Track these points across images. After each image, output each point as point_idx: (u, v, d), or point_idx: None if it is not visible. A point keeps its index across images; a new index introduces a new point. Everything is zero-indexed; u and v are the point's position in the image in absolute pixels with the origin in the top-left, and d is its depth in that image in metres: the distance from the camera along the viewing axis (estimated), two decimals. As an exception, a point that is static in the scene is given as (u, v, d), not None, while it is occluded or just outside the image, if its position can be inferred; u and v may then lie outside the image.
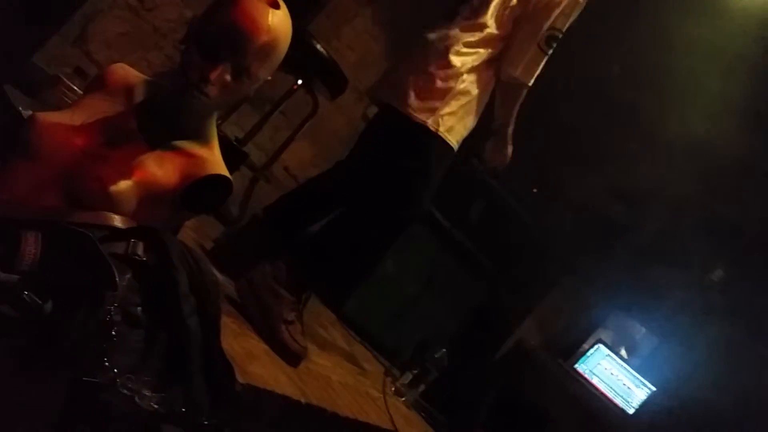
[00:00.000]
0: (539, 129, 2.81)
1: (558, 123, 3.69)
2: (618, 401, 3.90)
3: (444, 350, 2.86)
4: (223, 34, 1.20)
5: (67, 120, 1.26)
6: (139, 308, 1.04)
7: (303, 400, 1.69)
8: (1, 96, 1.71)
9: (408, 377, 2.80)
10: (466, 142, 2.46)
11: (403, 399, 2.77)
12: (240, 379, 1.39)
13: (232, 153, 2.10)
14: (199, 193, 1.26)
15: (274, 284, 2.00)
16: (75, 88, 1.95)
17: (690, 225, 4.00)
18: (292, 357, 1.92)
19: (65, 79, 1.97)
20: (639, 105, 3.73)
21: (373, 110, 2.42)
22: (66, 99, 1.89)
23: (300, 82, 2.64)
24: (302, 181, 3.95)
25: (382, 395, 2.44)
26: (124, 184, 1.20)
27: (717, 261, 4.08)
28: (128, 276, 1.05)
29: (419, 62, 2.17)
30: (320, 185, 2.32)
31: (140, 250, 1.13)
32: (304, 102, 2.92)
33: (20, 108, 1.60)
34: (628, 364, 4.01)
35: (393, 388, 2.75)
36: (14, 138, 1.20)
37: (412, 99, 2.12)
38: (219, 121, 2.70)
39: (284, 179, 3.98)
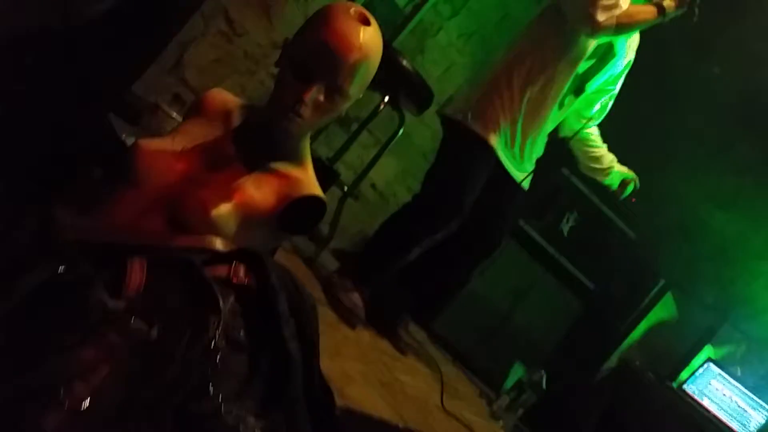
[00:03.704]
0: (637, 136, 2.66)
1: (662, 128, 3.50)
2: (734, 425, 3.61)
3: (542, 372, 2.74)
4: (315, 55, 1.19)
5: (168, 146, 1.29)
6: (242, 332, 1.03)
7: (401, 425, 1.64)
8: (105, 125, 1.78)
9: (505, 400, 2.70)
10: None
11: (501, 423, 2.67)
12: (338, 402, 1.36)
13: (324, 173, 2.11)
14: (296, 214, 1.25)
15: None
16: (174, 114, 2.01)
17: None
18: (346, 314, 2.15)
19: (164, 106, 2.03)
20: (741, 107, 3.49)
21: None
22: (166, 125, 1.95)
23: (387, 99, 2.63)
24: (388, 197, 4.02)
25: (478, 419, 2.37)
26: (224, 208, 1.20)
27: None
28: (231, 300, 1.04)
29: None
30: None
31: (242, 273, 1.12)
32: (389, 118, 2.90)
33: (123, 136, 1.66)
34: (742, 384, 3.71)
35: (490, 412, 2.66)
36: (119, 165, 1.24)
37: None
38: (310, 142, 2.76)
39: (371, 196, 3.99)
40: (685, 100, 3.70)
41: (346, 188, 2.70)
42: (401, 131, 2.84)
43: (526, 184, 2.56)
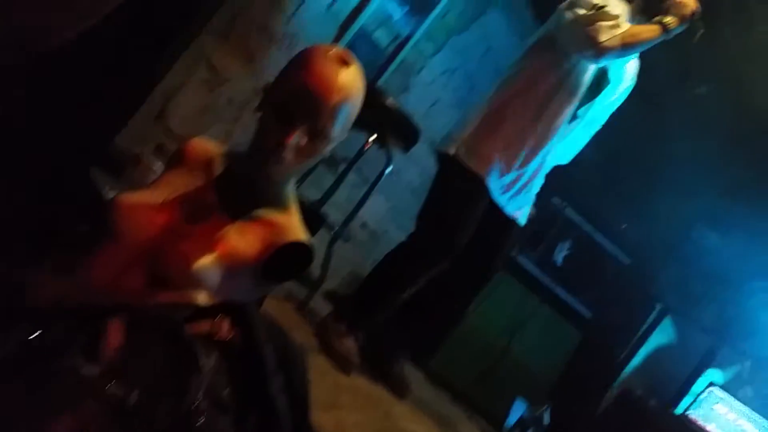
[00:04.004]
0: (627, 161, 2.65)
1: (648, 153, 3.51)
2: (742, 450, 3.54)
3: (545, 407, 2.68)
4: (296, 98, 1.17)
5: (148, 199, 1.26)
6: (226, 391, 0.99)
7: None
8: (87, 179, 1.75)
9: (508, 438, 2.63)
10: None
11: (506, 461, 2.60)
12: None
13: (310, 217, 2.08)
14: (281, 261, 1.22)
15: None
16: (157, 165, 1.99)
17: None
18: (340, 360, 2.11)
19: (148, 157, 2.01)
20: (732, 127, 3.51)
21: None
22: (149, 177, 1.92)
23: (373, 138, 2.62)
24: (379, 236, 3.98)
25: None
26: (207, 260, 1.17)
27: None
28: (214, 358, 1.00)
29: None
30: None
31: (226, 328, 1.08)
32: (377, 157, 2.89)
33: (104, 190, 1.63)
34: (747, 405, 3.65)
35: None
36: (98, 221, 1.20)
37: None
38: (297, 185, 2.73)
39: (362, 236, 3.96)
40: (675, 121, 3.72)
41: (335, 230, 2.67)
42: (389, 169, 2.83)
43: (523, 219, 2.52)
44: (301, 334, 2.19)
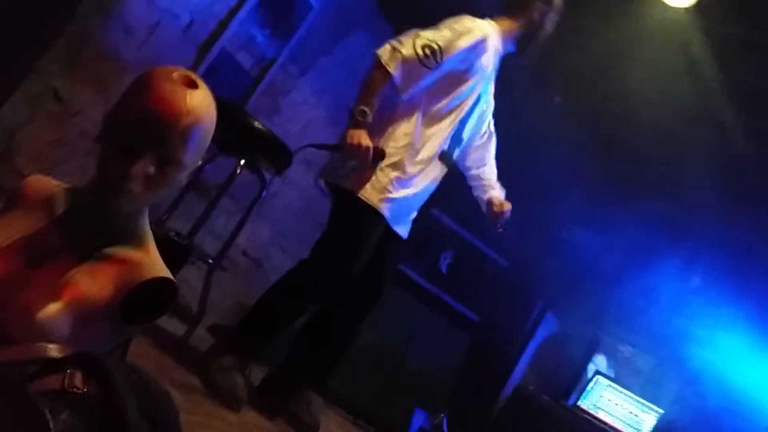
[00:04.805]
0: (497, 169, 2.75)
1: (516, 160, 3.66)
2: (629, 432, 3.75)
3: (442, 415, 2.69)
4: (139, 125, 1.09)
5: (-21, 246, 1.13)
6: (81, 451, 0.88)
7: None
8: None
9: (409, 451, 2.61)
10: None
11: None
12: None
13: (173, 249, 1.96)
14: (140, 301, 1.12)
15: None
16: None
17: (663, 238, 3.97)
18: (226, 397, 2.03)
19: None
20: (591, 134, 3.74)
21: None
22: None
23: (242, 162, 2.54)
24: (262, 262, 3.87)
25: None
26: (53, 308, 1.06)
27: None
28: (64, 416, 0.89)
29: None
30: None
31: (78, 381, 0.97)
32: (252, 182, 2.81)
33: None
34: (630, 390, 3.87)
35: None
36: None
37: None
38: (165, 216, 2.58)
39: (244, 264, 3.83)
40: (537, 129, 3.91)
41: (208, 260, 2.55)
42: (264, 193, 2.75)
43: (405, 233, 2.52)
44: (181, 374, 2.05)
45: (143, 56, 2.72)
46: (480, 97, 2.47)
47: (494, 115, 2.66)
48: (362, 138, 2.17)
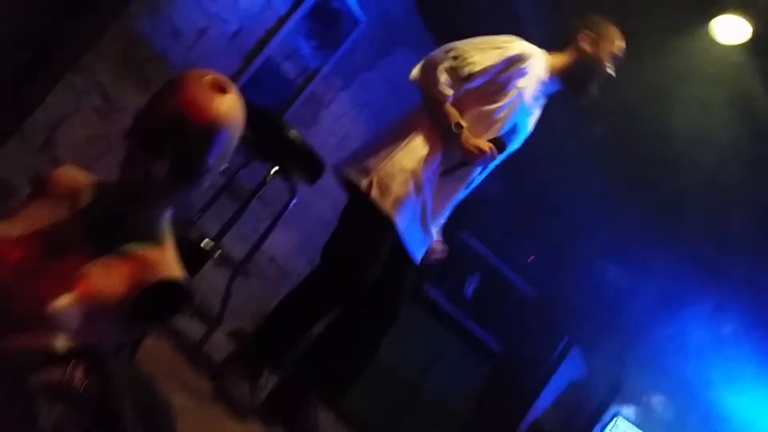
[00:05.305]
0: (532, 198, 2.70)
1: (551, 190, 3.61)
2: (647, 478, 3.62)
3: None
4: (165, 125, 1.09)
5: (4, 233, 1.14)
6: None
7: None
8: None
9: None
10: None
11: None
12: None
13: (192, 251, 1.97)
14: (153, 301, 1.12)
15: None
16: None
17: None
18: (233, 406, 2.01)
19: (21, 189, 1.86)
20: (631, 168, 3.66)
21: None
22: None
23: (274, 170, 2.55)
24: (289, 271, 3.87)
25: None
26: (64, 300, 1.07)
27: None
28: (57, 410, 0.89)
29: None
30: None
31: (79, 376, 0.97)
32: (284, 189, 2.82)
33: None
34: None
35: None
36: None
37: None
38: (198, 216, 2.61)
39: (271, 271, 3.84)
40: (573, 161, 3.85)
41: (233, 264, 2.55)
42: (294, 202, 2.75)
43: (419, 256, 2.46)
44: (193, 377, 2.05)
45: (190, 60, 2.76)
46: (516, 126, 2.38)
47: (532, 143, 2.59)
48: (474, 141, 2.21)
